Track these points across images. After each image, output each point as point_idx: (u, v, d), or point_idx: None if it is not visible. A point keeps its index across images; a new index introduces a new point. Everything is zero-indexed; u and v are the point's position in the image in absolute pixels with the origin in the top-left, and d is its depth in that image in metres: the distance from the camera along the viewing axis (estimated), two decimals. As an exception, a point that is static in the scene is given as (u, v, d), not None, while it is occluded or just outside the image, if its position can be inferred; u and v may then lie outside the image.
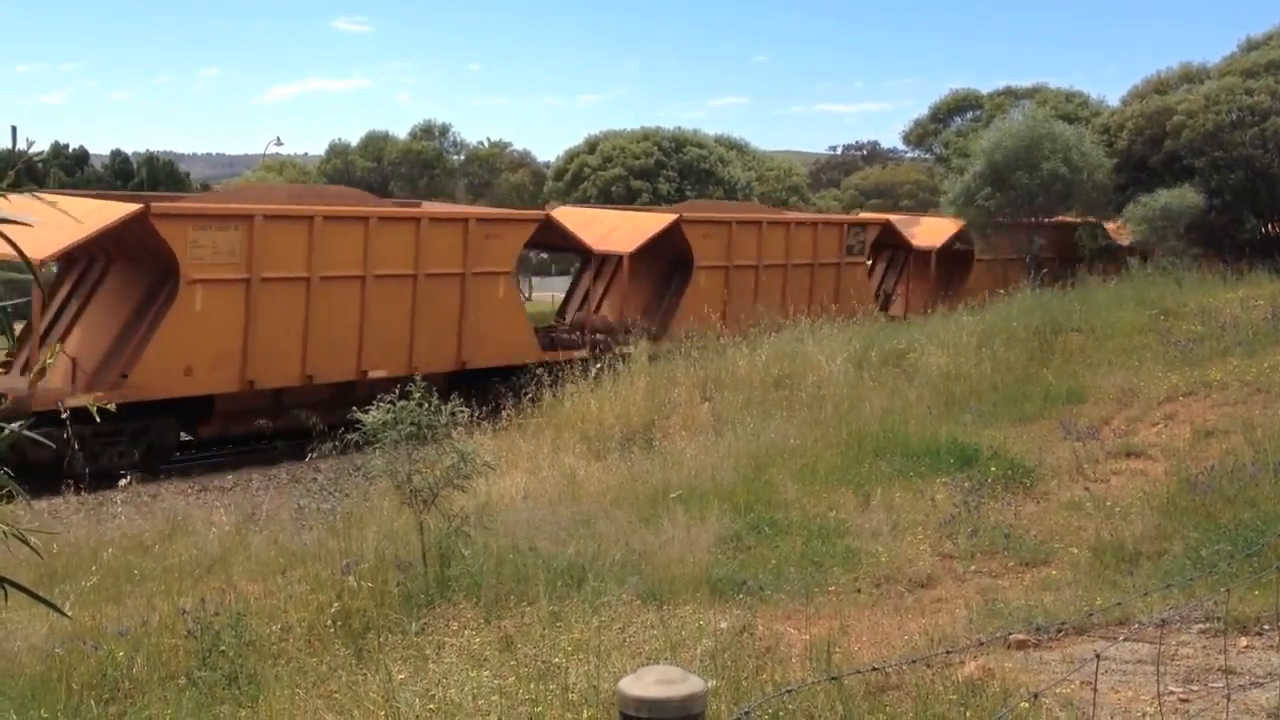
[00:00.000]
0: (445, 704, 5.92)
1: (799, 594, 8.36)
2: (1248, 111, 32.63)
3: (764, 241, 28.53)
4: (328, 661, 7.19)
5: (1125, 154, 34.22)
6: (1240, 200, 33.27)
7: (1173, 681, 5.92)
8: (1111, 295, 21.15)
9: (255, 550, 10.56)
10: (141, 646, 7.50)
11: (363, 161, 53.37)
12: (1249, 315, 17.62)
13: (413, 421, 8.99)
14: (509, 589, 8.22)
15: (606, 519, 10.53)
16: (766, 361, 18.66)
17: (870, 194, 75.72)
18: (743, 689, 5.81)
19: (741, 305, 26.60)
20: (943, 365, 17.31)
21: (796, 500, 11.10)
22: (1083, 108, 44.21)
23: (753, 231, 28.44)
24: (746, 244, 28.05)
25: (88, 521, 12.90)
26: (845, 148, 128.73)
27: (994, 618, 7.36)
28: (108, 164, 55.42)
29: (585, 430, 16.51)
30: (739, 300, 27.07)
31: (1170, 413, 13.42)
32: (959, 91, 53.77)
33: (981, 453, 12.07)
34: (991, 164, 32.58)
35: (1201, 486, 9.82)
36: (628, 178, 44.85)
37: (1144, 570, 8.40)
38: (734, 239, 27.76)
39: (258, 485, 17.87)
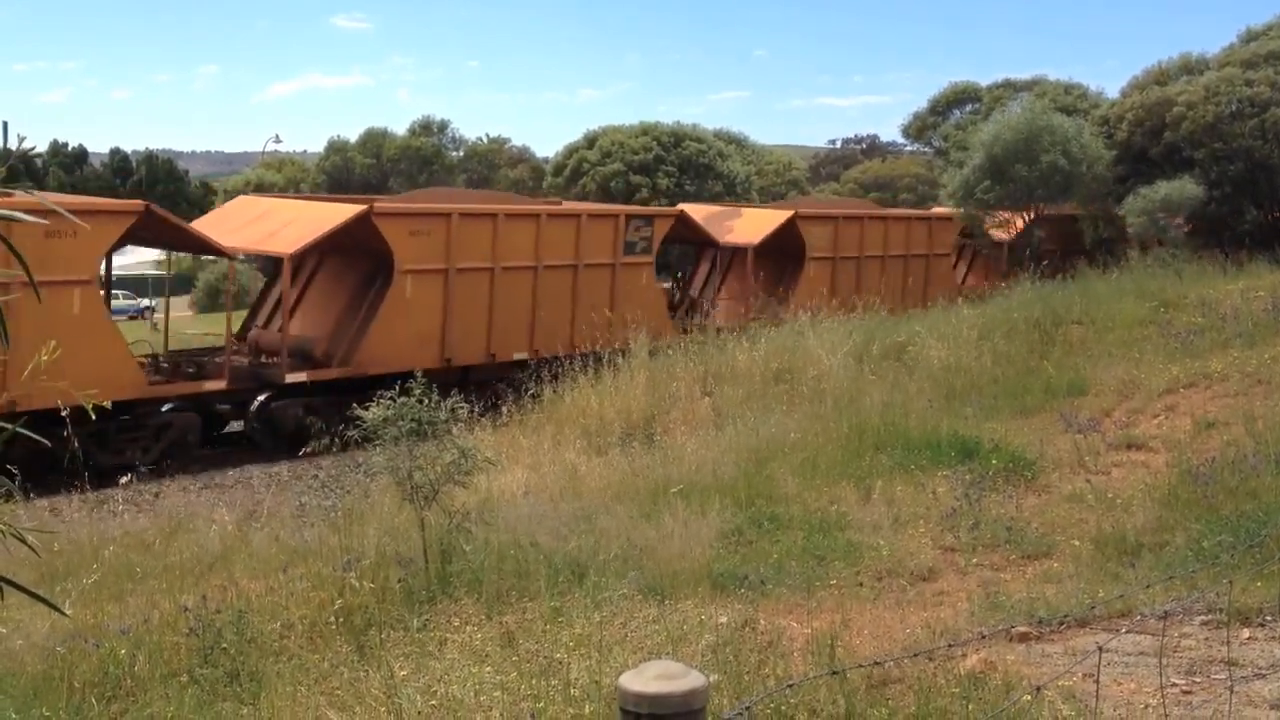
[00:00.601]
0: (447, 700, 5.91)
1: (800, 588, 8.35)
2: (1247, 102, 32.58)
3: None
4: (329, 658, 7.19)
5: (1125, 146, 34.17)
6: (1240, 191, 33.23)
7: (1175, 673, 5.92)
8: (1112, 287, 21.14)
9: (256, 547, 10.56)
10: (143, 644, 7.49)
11: (362, 158, 53.37)
12: (1249, 306, 17.61)
13: (413, 418, 8.98)
14: (510, 584, 8.21)
15: (607, 514, 10.52)
16: (766, 356, 18.65)
17: (870, 188, 75.67)
18: (744, 683, 5.81)
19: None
20: (943, 358, 17.30)
21: (797, 494, 11.10)
22: (1082, 100, 44.16)
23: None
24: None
25: (89, 519, 12.89)
26: (844, 141, 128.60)
27: (996, 611, 7.36)
28: (106, 162, 55.38)
29: (586, 425, 16.51)
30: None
31: (1171, 404, 13.42)
32: (958, 84, 53.75)
33: (982, 445, 12.06)
34: (991, 157, 32.54)
35: (1203, 478, 9.82)
36: (627, 173, 44.84)
37: (1146, 562, 8.40)
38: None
39: (259, 483, 17.87)
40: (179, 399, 19.71)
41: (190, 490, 16.96)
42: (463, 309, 22.46)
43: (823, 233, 30.13)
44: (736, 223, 29.59)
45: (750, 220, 30.12)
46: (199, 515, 12.84)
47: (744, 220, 29.97)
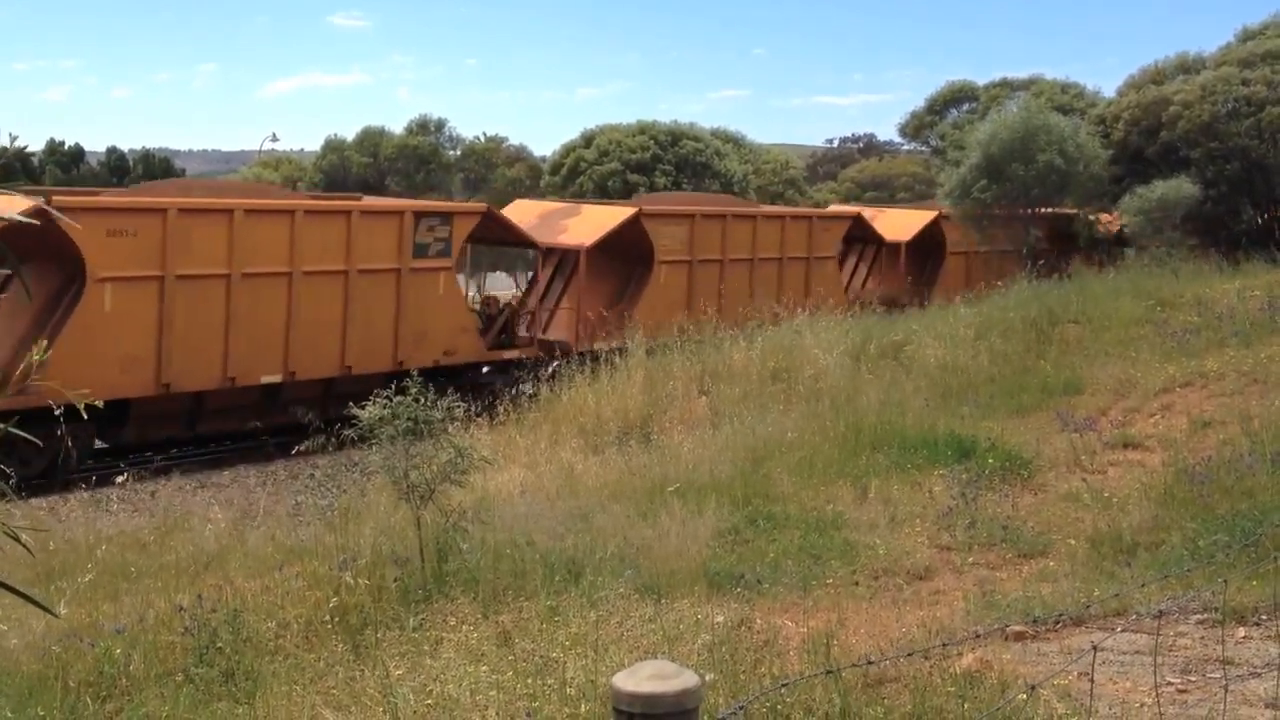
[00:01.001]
0: (443, 699, 5.91)
1: (797, 587, 8.35)
2: (1244, 102, 32.60)
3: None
4: (325, 658, 7.18)
5: (1121, 145, 34.20)
6: (1236, 191, 33.25)
7: (1170, 672, 5.92)
8: (1108, 286, 21.15)
9: (252, 547, 10.55)
10: (138, 643, 7.48)
11: (358, 157, 53.30)
12: (1245, 306, 17.62)
13: (409, 417, 8.97)
14: (506, 584, 8.21)
15: (604, 513, 10.52)
16: (763, 354, 18.65)
17: (866, 187, 75.67)
18: (740, 682, 5.80)
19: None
20: (940, 357, 17.31)
21: (794, 493, 11.10)
22: (1078, 99, 44.21)
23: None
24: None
25: (85, 518, 12.88)
26: (842, 140, 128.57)
27: (992, 609, 7.36)
28: (103, 161, 55.33)
29: (582, 425, 16.51)
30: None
31: (1167, 403, 13.43)
32: (955, 83, 53.80)
33: (979, 445, 12.06)
34: (987, 156, 32.54)
35: (1199, 477, 9.82)
36: (624, 172, 44.83)
37: (1141, 561, 8.41)
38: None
39: (254, 482, 17.85)
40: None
41: (185, 489, 16.93)
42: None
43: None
44: (572, 222, 26.47)
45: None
46: (194, 514, 12.83)
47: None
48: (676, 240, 26.19)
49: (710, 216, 27.44)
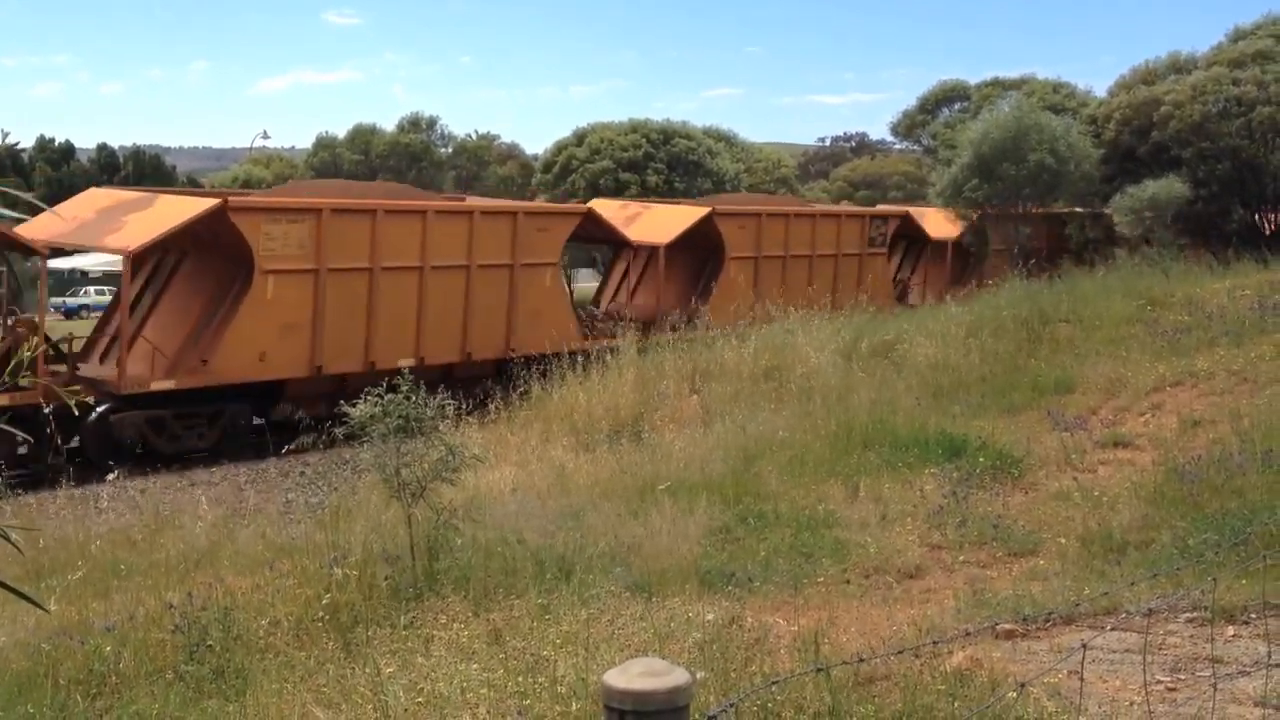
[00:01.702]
0: (434, 697, 5.91)
1: (787, 585, 8.36)
2: (1234, 102, 32.69)
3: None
4: (316, 655, 7.18)
5: (1112, 144, 34.29)
6: (1227, 190, 33.35)
7: (1160, 670, 5.94)
8: (1099, 286, 21.18)
9: (242, 544, 10.54)
10: (128, 641, 7.47)
11: (350, 154, 53.26)
12: (1235, 305, 17.66)
13: (400, 415, 8.96)
14: (497, 582, 8.21)
15: (595, 511, 10.52)
16: (755, 353, 18.66)
17: (859, 185, 75.81)
18: (731, 680, 5.81)
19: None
20: (931, 356, 17.33)
21: (785, 492, 11.10)
22: (1070, 98, 44.28)
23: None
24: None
25: (75, 516, 12.85)
26: (834, 139, 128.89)
27: (982, 608, 7.37)
28: (94, 158, 55.18)
29: (574, 423, 16.51)
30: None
31: (1158, 403, 13.46)
32: (947, 83, 53.87)
33: (970, 443, 12.08)
34: (979, 155, 32.62)
35: (1189, 476, 9.85)
36: (616, 170, 44.82)
37: (1131, 560, 8.43)
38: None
39: (245, 479, 17.84)
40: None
41: (176, 487, 16.92)
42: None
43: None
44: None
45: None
46: (185, 511, 12.81)
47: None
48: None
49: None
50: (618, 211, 28.32)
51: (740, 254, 28.26)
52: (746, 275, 28.06)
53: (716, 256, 28.07)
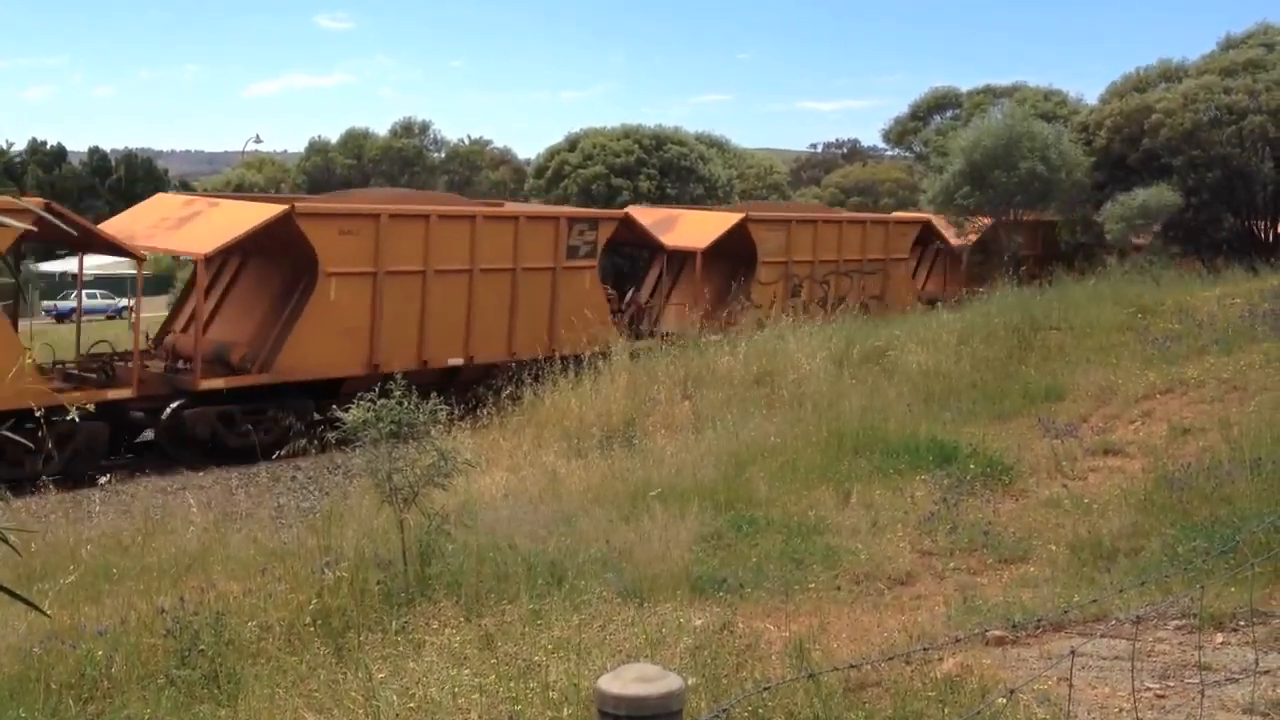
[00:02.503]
0: (425, 702, 5.92)
1: (779, 591, 8.38)
2: (1225, 110, 32.77)
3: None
4: (307, 660, 7.18)
5: (1103, 152, 34.37)
6: (1217, 199, 33.44)
7: (1149, 677, 5.96)
8: (1090, 293, 21.25)
9: (234, 549, 10.53)
10: (120, 645, 7.47)
11: (342, 159, 53.22)
12: (1226, 313, 17.72)
13: (393, 420, 8.98)
14: (489, 587, 8.22)
15: (587, 517, 10.53)
16: (747, 359, 18.69)
17: (850, 192, 75.93)
18: (722, 686, 5.83)
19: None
20: (922, 363, 17.37)
21: (776, 498, 11.13)
22: (1061, 106, 44.36)
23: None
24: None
25: (66, 520, 12.84)
26: (826, 146, 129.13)
27: (972, 614, 7.40)
28: (85, 161, 55.11)
29: (566, 428, 16.52)
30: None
31: (1148, 410, 13.50)
32: (938, 90, 53.91)
33: (961, 450, 12.11)
34: (970, 163, 32.69)
35: (1178, 484, 9.88)
36: (608, 175, 44.82)
37: (1121, 567, 8.46)
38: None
39: (236, 483, 17.80)
40: None
41: (167, 491, 16.88)
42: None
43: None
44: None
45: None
46: (176, 516, 12.79)
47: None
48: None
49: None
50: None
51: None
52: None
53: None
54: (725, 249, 28.23)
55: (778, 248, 29.43)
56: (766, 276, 29.06)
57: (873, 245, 32.15)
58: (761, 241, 28.92)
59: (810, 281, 30.15)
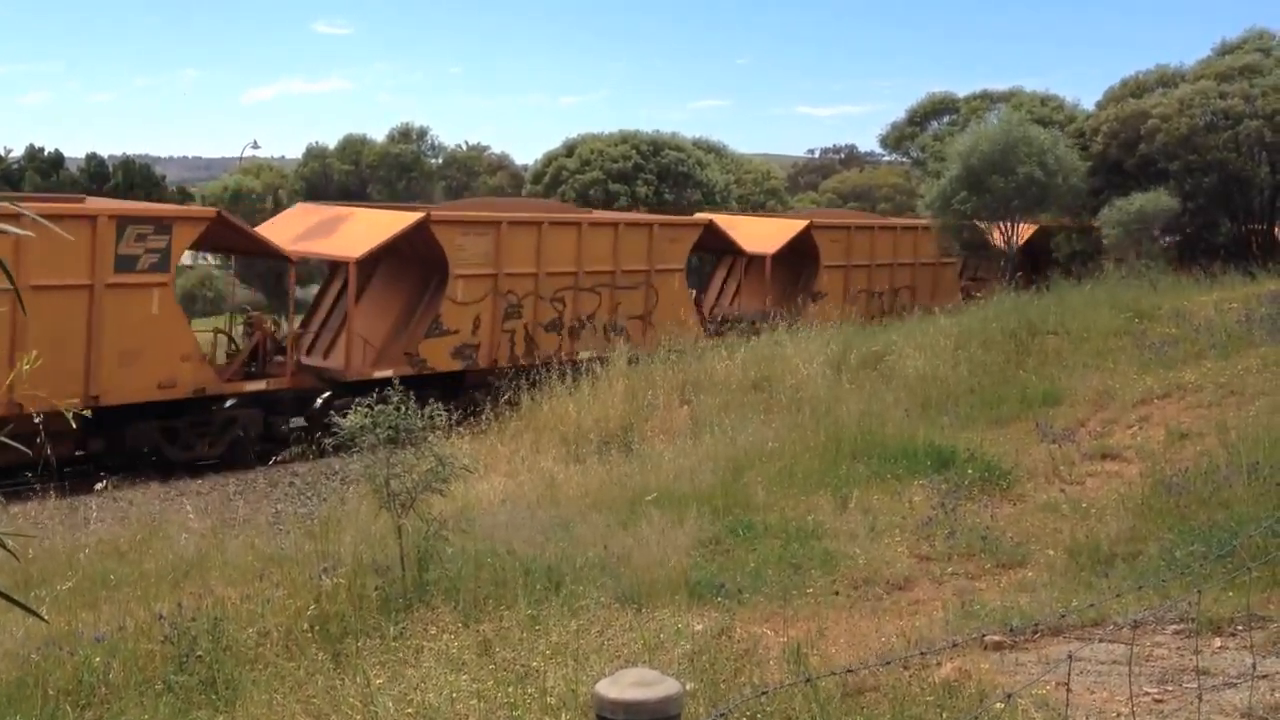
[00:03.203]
0: (423, 708, 5.92)
1: (777, 596, 8.38)
2: (1221, 115, 32.78)
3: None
4: (305, 666, 7.17)
5: (1100, 157, 34.35)
6: (1214, 203, 33.43)
7: (1147, 682, 5.96)
8: (1087, 298, 21.25)
9: (232, 555, 10.52)
10: (118, 652, 7.46)
11: (340, 165, 53.24)
12: (1223, 318, 17.73)
13: (390, 425, 8.97)
14: (487, 592, 8.22)
15: (585, 522, 10.53)
16: (744, 364, 18.69)
17: (848, 197, 75.86)
18: (720, 691, 5.83)
19: None
20: (920, 368, 17.36)
21: (774, 503, 11.13)
22: (1058, 111, 44.35)
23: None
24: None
25: (63, 526, 12.82)
26: (823, 151, 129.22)
27: (970, 619, 7.40)
28: (83, 167, 55.03)
29: (564, 433, 16.52)
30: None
31: (1145, 415, 13.50)
32: (935, 95, 53.87)
33: (958, 455, 12.11)
34: (967, 168, 32.63)
35: (1176, 488, 9.88)
36: (606, 181, 44.86)
37: (1119, 571, 8.46)
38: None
39: (234, 489, 17.80)
40: None
41: (164, 497, 16.87)
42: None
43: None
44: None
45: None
46: (173, 522, 12.78)
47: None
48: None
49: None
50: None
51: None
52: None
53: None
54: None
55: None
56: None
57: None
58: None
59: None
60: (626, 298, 25.90)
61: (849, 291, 31.79)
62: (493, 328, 23.27)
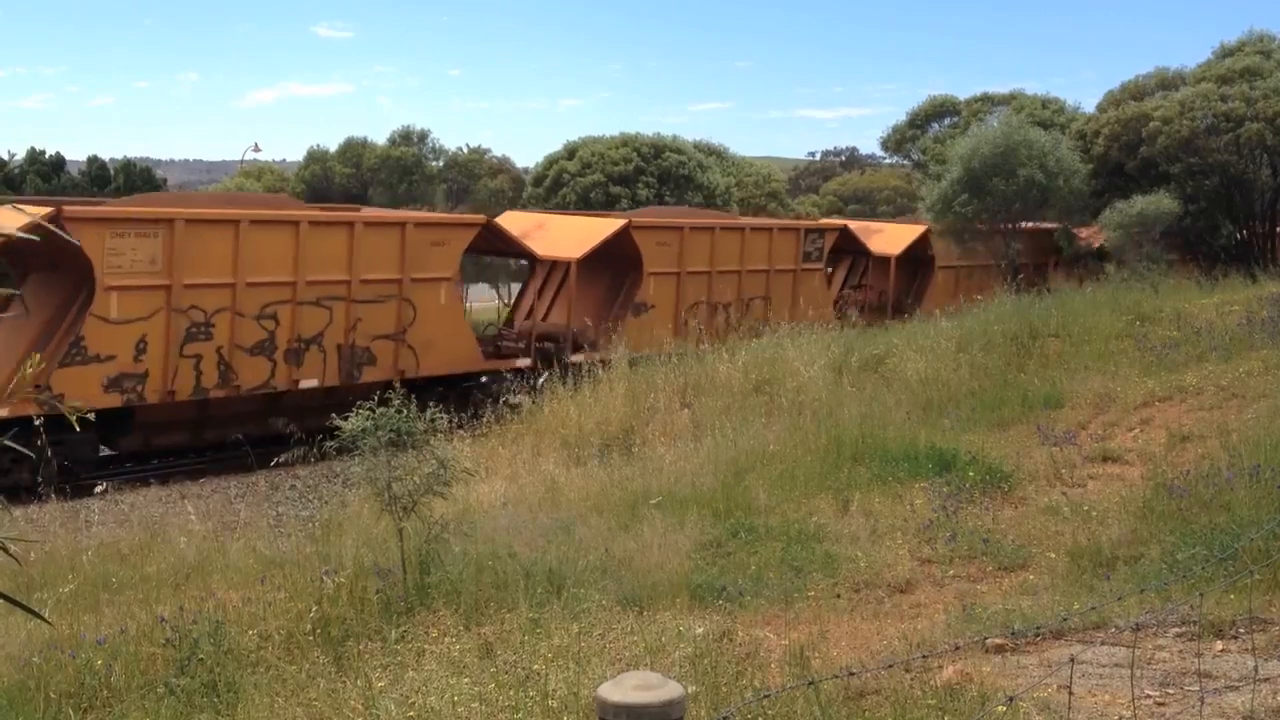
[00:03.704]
0: (425, 711, 5.92)
1: (778, 599, 8.38)
2: (1222, 118, 32.79)
3: None
4: (307, 669, 7.18)
5: (1101, 160, 34.38)
6: (1215, 206, 33.47)
7: (1148, 685, 5.96)
8: (1088, 301, 21.26)
9: (233, 558, 10.53)
10: (120, 655, 7.47)
11: (341, 168, 53.26)
12: (1224, 320, 17.74)
13: (392, 428, 8.98)
14: (488, 596, 8.22)
15: (586, 525, 10.54)
16: (746, 367, 18.70)
17: (848, 200, 75.94)
18: (722, 694, 5.83)
19: None
20: (921, 370, 17.36)
21: (775, 506, 11.12)
22: (1059, 114, 44.43)
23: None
24: None
25: (65, 529, 12.83)
26: (824, 154, 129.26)
27: (972, 622, 7.39)
28: (84, 170, 55.07)
29: (565, 436, 16.53)
30: None
31: (1146, 417, 13.50)
32: (936, 98, 54.01)
33: (960, 457, 12.10)
34: (969, 170, 32.68)
35: (1177, 491, 9.87)
36: (607, 184, 44.85)
37: (1120, 574, 8.45)
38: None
39: (235, 493, 17.81)
40: None
41: (165, 500, 16.88)
42: None
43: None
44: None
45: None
46: (174, 525, 12.79)
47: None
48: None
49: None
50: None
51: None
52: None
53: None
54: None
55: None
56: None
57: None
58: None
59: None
60: (370, 313, 21.25)
61: (683, 303, 27.85)
62: (166, 352, 18.74)
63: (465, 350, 23.01)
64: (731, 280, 29.09)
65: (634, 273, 27.02)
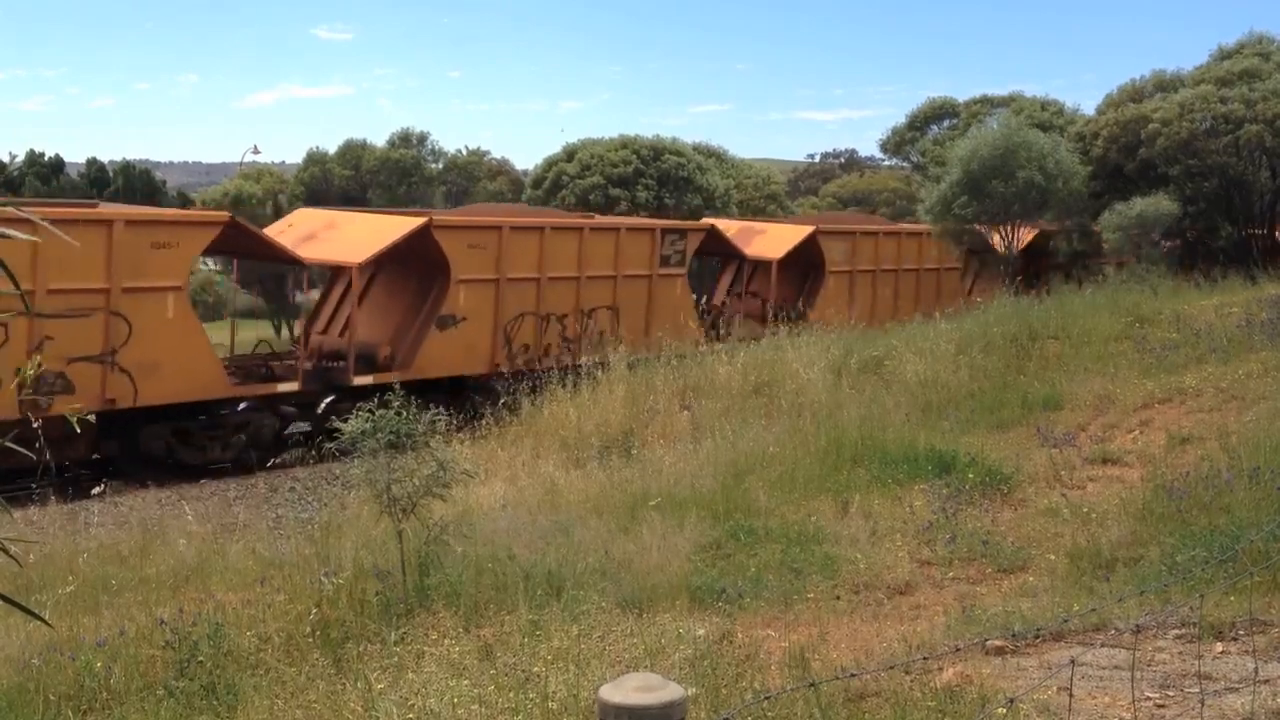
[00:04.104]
0: (425, 713, 5.91)
1: (778, 601, 8.38)
2: (1221, 120, 32.77)
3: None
4: (306, 671, 7.17)
5: (1100, 162, 34.36)
6: (1214, 208, 33.44)
7: (1148, 686, 5.96)
8: (1087, 302, 21.26)
9: (232, 560, 10.53)
10: (119, 657, 7.46)
11: (340, 170, 53.26)
12: (1223, 322, 17.74)
13: (391, 430, 8.97)
14: (488, 598, 8.22)
15: (585, 527, 10.53)
16: (745, 369, 18.70)
17: (848, 202, 75.97)
18: (722, 696, 5.83)
19: None
20: (920, 372, 17.36)
21: (775, 507, 11.12)
22: (1058, 116, 44.40)
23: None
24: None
25: (63, 531, 12.82)
26: (823, 155, 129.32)
27: (972, 624, 7.39)
28: (83, 172, 55.10)
29: (564, 438, 16.53)
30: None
31: (1146, 419, 13.50)
32: (935, 100, 53.96)
33: (959, 459, 12.10)
34: (968, 173, 32.66)
35: (1177, 493, 9.87)
36: (606, 186, 44.85)
37: (1120, 576, 8.45)
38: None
39: (234, 494, 17.80)
40: None
41: (165, 502, 16.87)
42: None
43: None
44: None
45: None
46: (173, 527, 12.78)
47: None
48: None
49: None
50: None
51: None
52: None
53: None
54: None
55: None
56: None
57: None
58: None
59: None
60: (64, 331, 17.30)
61: (503, 316, 23.92)
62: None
63: (204, 373, 19.24)
64: (568, 288, 25.01)
65: (443, 280, 23.04)
